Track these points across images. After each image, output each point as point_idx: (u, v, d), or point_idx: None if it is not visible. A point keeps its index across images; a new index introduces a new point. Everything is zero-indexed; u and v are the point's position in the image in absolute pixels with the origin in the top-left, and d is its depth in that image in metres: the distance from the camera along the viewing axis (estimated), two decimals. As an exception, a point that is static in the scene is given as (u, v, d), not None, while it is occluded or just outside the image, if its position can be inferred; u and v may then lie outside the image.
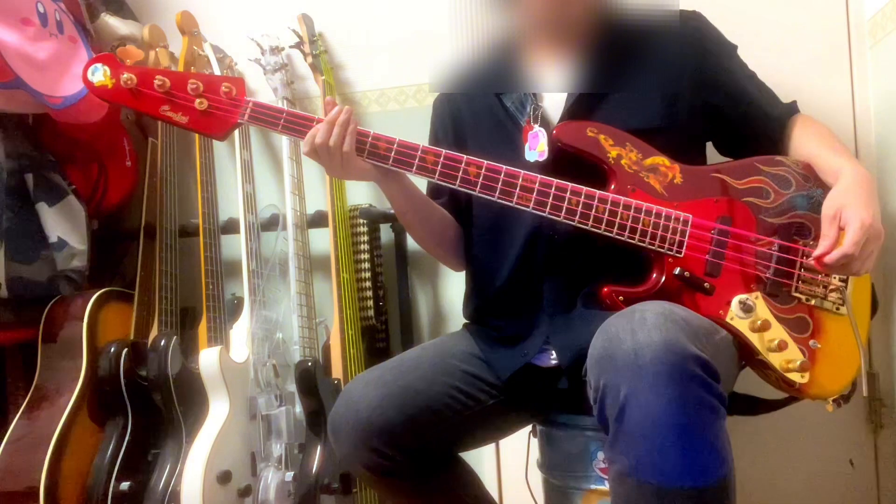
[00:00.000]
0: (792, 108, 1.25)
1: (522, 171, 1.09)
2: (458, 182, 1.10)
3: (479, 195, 1.09)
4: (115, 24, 1.79)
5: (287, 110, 1.13)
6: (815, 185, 1.14)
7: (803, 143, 1.19)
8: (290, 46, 1.74)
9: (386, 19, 1.79)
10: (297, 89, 1.81)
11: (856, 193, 1.05)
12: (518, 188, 1.08)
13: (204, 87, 1.12)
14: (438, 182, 1.11)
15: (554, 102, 1.18)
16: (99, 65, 1.11)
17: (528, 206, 1.08)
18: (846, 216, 1.03)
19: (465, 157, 1.10)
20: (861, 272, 1.05)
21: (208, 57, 1.76)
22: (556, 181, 1.08)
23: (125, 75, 1.10)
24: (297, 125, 1.12)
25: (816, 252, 1.04)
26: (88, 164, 1.77)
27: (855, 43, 1.53)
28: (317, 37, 1.75)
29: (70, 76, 1.58)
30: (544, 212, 1.08)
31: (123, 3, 1.87)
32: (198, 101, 1.11)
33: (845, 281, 1.11)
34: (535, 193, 1.08)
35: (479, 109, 1.26)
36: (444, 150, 1.10)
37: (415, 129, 1.37)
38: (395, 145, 1.11)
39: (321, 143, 1.09)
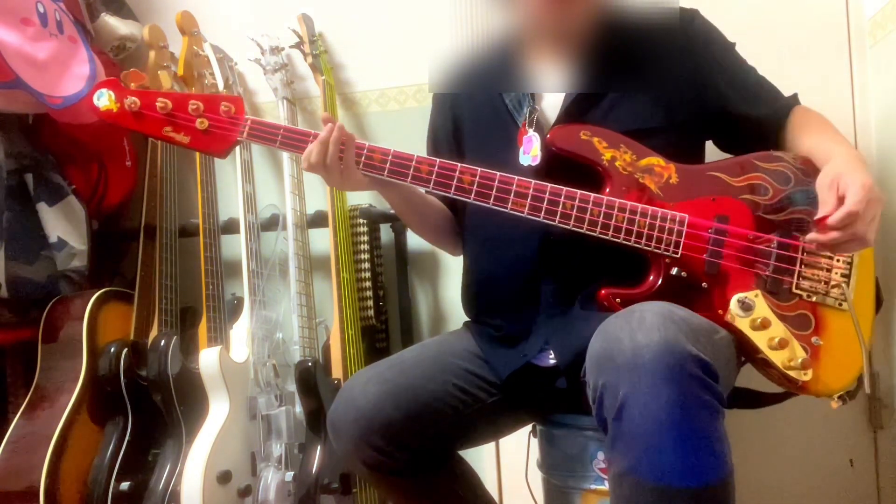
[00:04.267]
0: (791, 102, 1.24)
1: (516, 177, 1.09)
2: (452, 190, 1.11)
3: (474, 202, 1.10)
4: (115, 24, 1.80)
5: (284, 126, 1.16)
6: (814, 181, 1.11)
7: (801, 137, 1.18)
8: (290, 46, 1.74)
9: (386, 19, 1.79)
10: (297, 89, 1.81)
11: (851, 164, 1.04)
12: (512, 194, 1.09)
13: (204, 107, 1.15)
14: (433, 191, 1.12)
15: (552, 102, 1.18)
16: (104, 90, 1.14)
17: (522, 212, 1.09)
18: (845, 181, 1.00)
19: (459, 165, 1.11)
20: (867, 238, 1.00)
21: (208, 57, 1.76)
22: (550, 186, 1.08)
23: (129, 99, 1.14)
24: (294, 141, 1.15)
25: (818, 215, 1.00)
26: (88, 164, 1.77)
27: (855, 43, 1.53)
28: (317, 37, 1.76)
29: (70, 76, 1.58)
30: (539, 217, 1.08)
31: (123, 3, 1.87)
32: (198, 120, 1.14)
33: (847, 276, 1.10)
34: (529, 199, 1.08)
35: (479, 103, 1.26)
36: (437, 160, 1.11)
37: (415, 129, 1.37)
38: (390, 157, 1.12)
39: (316, 162, 1.11)
